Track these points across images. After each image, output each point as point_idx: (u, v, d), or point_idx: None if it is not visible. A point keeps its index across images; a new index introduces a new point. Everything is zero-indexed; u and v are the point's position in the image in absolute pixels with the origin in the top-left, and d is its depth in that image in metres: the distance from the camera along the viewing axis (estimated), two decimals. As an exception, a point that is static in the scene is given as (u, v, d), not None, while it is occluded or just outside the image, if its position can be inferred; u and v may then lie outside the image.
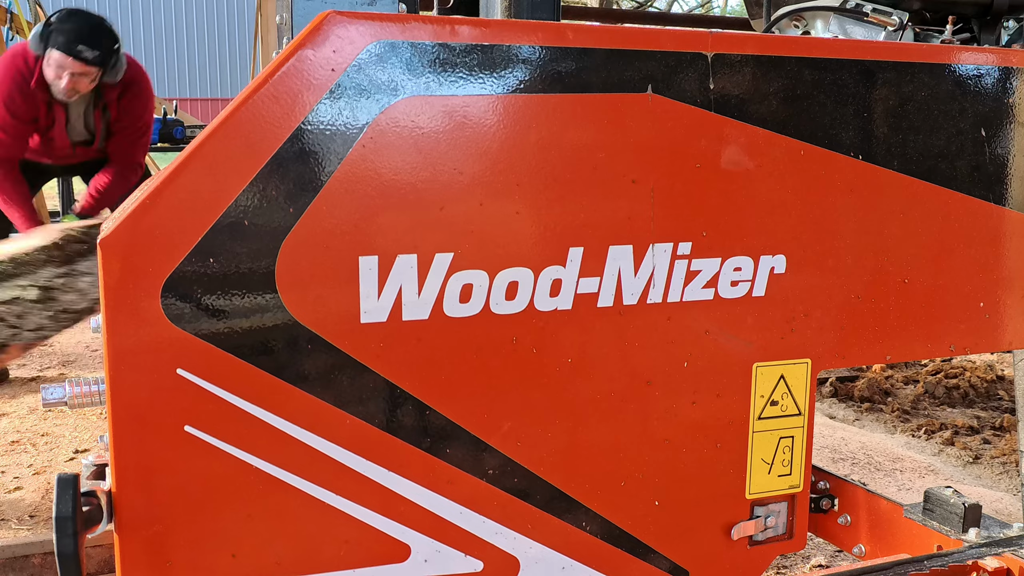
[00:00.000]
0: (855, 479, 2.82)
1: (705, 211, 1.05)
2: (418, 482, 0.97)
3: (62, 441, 3.27)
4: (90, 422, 3.47)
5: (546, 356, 1.00)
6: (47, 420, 3.51)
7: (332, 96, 0.91)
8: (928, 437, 3.63)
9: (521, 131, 0.98)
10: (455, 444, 0.98)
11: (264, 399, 0.92)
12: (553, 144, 0.99)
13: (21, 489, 2.83)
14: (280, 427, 0.92)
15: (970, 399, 4.13)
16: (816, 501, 1.91)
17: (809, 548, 2.45)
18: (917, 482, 3.07)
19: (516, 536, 1.00)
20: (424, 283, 0.96)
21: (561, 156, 1.00)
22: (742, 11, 25.57)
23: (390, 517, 0.97)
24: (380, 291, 0.95)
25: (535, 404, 1.00)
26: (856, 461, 3.26)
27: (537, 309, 1.00)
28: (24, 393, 3.86)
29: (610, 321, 1.02)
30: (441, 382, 0.97)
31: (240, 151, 0.89)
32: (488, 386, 0.99)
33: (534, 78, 0.98)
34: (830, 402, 4.08)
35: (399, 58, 0.94)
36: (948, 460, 3.41)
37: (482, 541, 1.00)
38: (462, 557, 0.99)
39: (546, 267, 1.00)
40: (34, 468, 3.01)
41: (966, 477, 3.25)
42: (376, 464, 0.96)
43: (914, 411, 3.97)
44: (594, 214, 1.01)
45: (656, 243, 1.03)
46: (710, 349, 1.05)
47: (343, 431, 0.95)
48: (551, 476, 1.01)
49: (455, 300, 0.97)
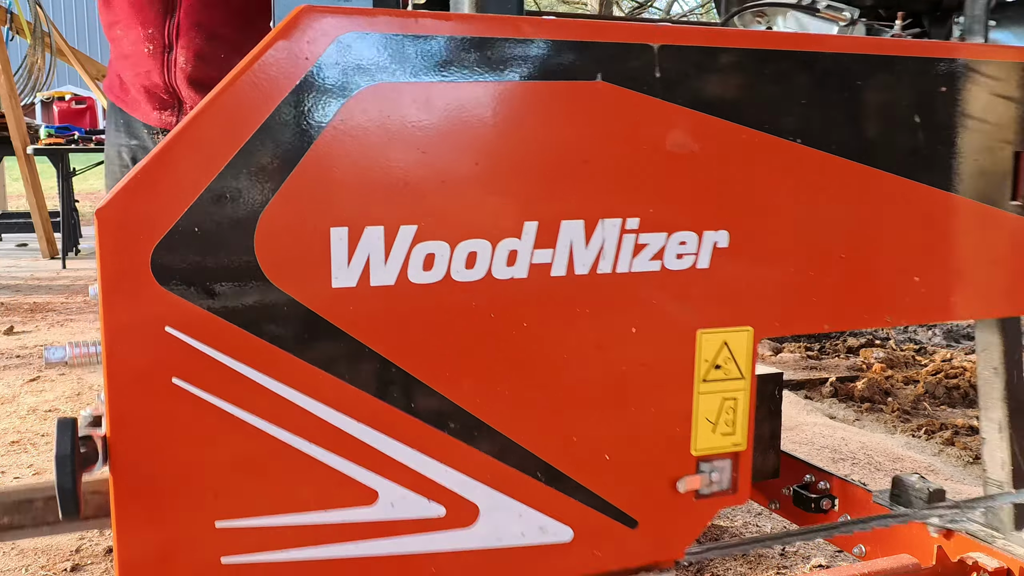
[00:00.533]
0: (855, 479, 2.86)
1: (652, 189, 1.15)
2: (386, 433, 1.07)
3: None
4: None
5: (503, 320, 1.10)
6: (47, 420, 3.55)
7: (305, 83, 1.02)
8: (928, 437, 3.65)
9: (480, 115, 1.08)
10: (419, 399, 1.08)
11: (244, 355, 1.02)
12: (510, 128, 1.09)
13: None
14: (258, 380, 1.03)
15: (970, 399, 4.15)
16: (816, 501, 1.97)
17: (809, 548, 2.49)
18: (917, 481, 3.09)
19: (476, 484, 1.10)
20: (390, 252, 1.06)
21: (517, 139, 1.10)
22: None
23: (360, 464, 1.06)
24: (350, 259, 1.05)
25: (492, 364, 1.10)
26: (856, 461, 3.28)
27: (495, 277, 1.09)
28: (24, 393, 3.92)
29: (563, 289, 1.12)
30: (407, 342, 1.07)
31: (222, 132, 1.00)
32: (449, 347, 1.09)
33: (492, 67, 1.08)
34: (830, 402, 4.11)
35: (367, 48, 1.04)
36: (948, 460, 3.43)
37: (445, 489, 1.09)
38: (426, 503, 1.09)
39: (503, 239, 1.10)
40: (34, 468, 3.03)
41: (966, 477, 3.27)
42: (347, 416, 1.06)
43: (914, 411, 4.00)
44: (548, 191, 1.11)
45: (605, 218, 1.13)
46: (657, 316, 1.14)
47: (317, 386, 1.05)
48: (509, 431, 1.11)
49: (419, 268, 1.07)
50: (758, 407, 1.76)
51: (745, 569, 2.36)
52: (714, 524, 2.61)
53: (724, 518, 2.65)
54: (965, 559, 1.67)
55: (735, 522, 2.63)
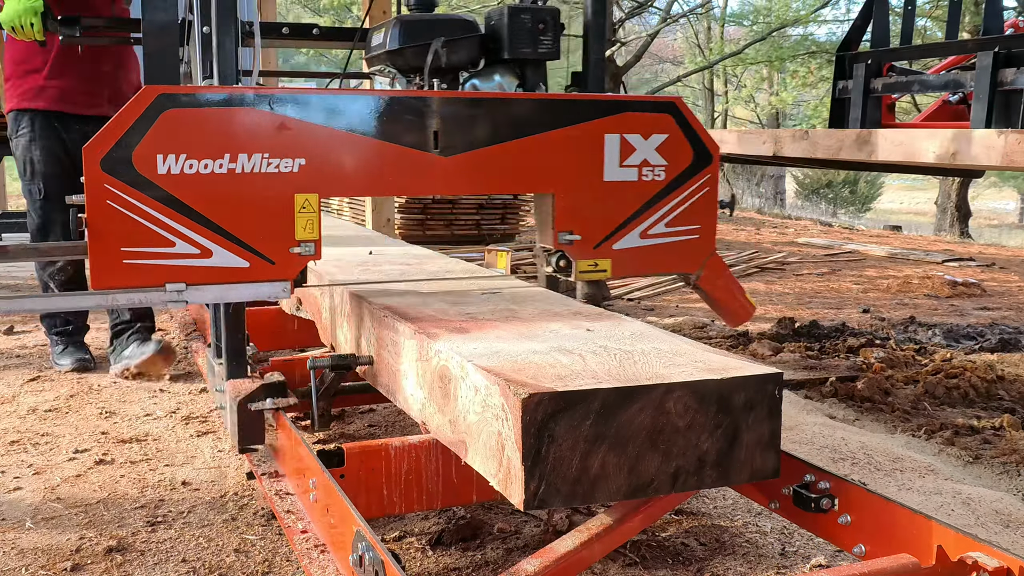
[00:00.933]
0: (855, 479, 2.86)
1: (286, 147, 2.19)
2: (208, 238, 2.09)
3: (62, 441, 3.30)
4: (90, 423, 3.53)
5: (238, 191, 2.10)
6: (47, 420, 3.56)
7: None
8: (928, 437, 3.65)
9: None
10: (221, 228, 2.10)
11: (143, 205, 2.02)
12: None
13: (21, 489, 2.85)
14: (155, 215, 2.03)
15: (970, 399, 4.15)
16: (816, 501, 1.97)
17: (809, 548, 2.49)
18: (917, 482, 3.08)
19: (216, 247, 2.10)
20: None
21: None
22: (742, 14, 25.13)
23: (205, 238, 2.07)
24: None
25: (233, 209, 2.11)
26: (856, 461, 3.28)
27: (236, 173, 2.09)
28: (24, 393, 3.93)
29: (253, 178, 2.14)
30: (208, 200, 2.08)
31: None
32: (220, 200, 2.10)
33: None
34: (830, 402, 4.11)
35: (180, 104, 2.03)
36: (948, 460, 3.43)
37: (209, 248, 2.10)
38: (237, 258, 2.11)
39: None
40: (34, 468, 3.03)
41: (966, 477, 3.26)
42: (198, 229, 2.07)
43: (914, 411, 4.00)
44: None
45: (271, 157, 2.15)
46: (278, 188, 2.16)
47: (183, 225, 2.06)
48: (235, 231, 2.10)
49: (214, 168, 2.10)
50: (758, 407, 1.77)
51: (745, 569, 2.36)
52: (714, 524, 2.61)
53: (724, 518, 2.65)
54: (965, 559, 1.66)
55: (735, 522, 2.63)
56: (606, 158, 2.39)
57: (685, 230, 2.56)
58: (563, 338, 2.01)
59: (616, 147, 2.40)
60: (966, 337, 5.68)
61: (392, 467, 2.21)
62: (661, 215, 2.51)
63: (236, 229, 2.09)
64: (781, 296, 7.53)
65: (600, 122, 2.37)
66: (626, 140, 2.41)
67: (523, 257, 8.18)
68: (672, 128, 2.47)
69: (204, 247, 2.07)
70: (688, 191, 2.53)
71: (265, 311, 3.73)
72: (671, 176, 2.49)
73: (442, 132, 2.25)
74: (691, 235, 2.57)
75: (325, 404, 2.65)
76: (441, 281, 2.78)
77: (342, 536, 1.83)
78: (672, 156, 2.48)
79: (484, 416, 1.71)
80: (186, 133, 2.01)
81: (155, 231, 2.02)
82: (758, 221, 15.84)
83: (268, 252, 2.12)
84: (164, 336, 4.59)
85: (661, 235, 2.53)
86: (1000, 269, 9.88)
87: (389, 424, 3.57)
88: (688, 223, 2.55)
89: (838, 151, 3.95)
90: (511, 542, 2.48)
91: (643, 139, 2.43)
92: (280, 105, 2.08)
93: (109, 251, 2.00)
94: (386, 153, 2.20)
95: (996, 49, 3.88)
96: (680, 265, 2.60)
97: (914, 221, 24.97)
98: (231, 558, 2.39)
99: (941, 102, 5.07)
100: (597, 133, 2.37)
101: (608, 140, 2.39)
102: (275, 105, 2.08)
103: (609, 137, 2.38)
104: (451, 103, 2.26)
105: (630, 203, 2.46)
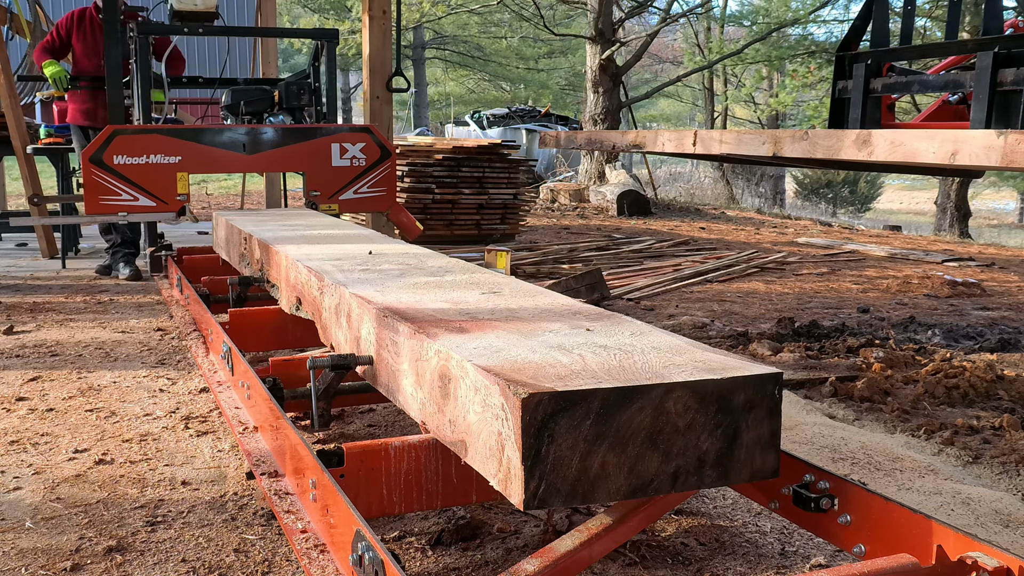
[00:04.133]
0: (855, 479, 2.86)
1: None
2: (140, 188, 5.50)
3: (62, 441, 3.30)
4: (90, 423, 3.53)
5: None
6: (47, 420, 3.56)
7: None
8: (928, 437, 3.64)
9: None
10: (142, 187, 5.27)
11: (108, 177, 5.35)
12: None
13: (20, 489, 2.84)
14: (113, 182, 5.48)
15: (970, 399, 4.15)
16: (816, 501, 1.97)
17: (809, 548, 2.49)
18: (917, 482, 3.08)
19: (149, 197, 5.69)
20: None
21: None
22: (742, 14, 25.33)
23: (136, 192, 5.41)
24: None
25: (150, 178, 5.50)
26: (856, 461, 3.28)
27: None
28: (24, 393, 3.93)
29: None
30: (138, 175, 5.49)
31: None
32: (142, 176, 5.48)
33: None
34: (830, 402, 4.11)
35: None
36: (948, 460, 3.43)
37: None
38: (150, 202, 5.45)
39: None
40: (34, 468, 3.03)
41: (966, 477, 3.26)
42: (132, 188, 5.44)
43: (914, 411, 4.00)
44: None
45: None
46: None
47: (125, 186, 5.31)
48: (154, 190, 5.45)
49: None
50: (758, 406, 1.77)
51: (745, 569, 2.36)
52: (714, 524, 2.61)
53: (724, 518, 2.65)
54: (965, 559, 1.66)
55: (735, 522, 2.63)
56: (333, 154, 6.02)
57: (377, 191, 6.20)
58: (563, 338, 2.01)
59: (339, 149, 6.04)
60: (966, 337, 5.68)
61: (392, 467, 2.21)
62: (364, 183, 6.14)
63: (150, 188, 5.39)
64: (781, 296, 7.53)
65: (329, 137, 6.05)
66: (343, 146, 6.05)
67: (523, 257, 8.19)
68: (368, 140, 6.16)
69: (135, 195, 5.35)
70: (378, 172, 6.17)
71: (265, 311, 3.73)
72: (368, 164, 6.14)
73: (248, 143, 5.86)
74: (380, 192, 6.20)
75: (325, 404, 2.67)
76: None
77: (342, 536, 1.83)
78: (369, 153, 6.14)
79: (484, 416, 1.71)
80: (127, 145, 5.15)
81: (114, 188, 5.29)
82: (758, 221, 15.82)
83: (164, 198, 5.46)
84: (143, 271, 7.09)
85: (365, 193, 6.16)
86: (1000, 269, 9.87)
87: (389, 424, 3.57)
88: (379, 187, 6.20)
89: (838, 151, 3.95)
90: (511, 542, 2.48)
91: (352, 144, 6.07)
92: (168, 133, 5.40)
93: (93, 198, 5.34)
94: (221, 153, 5.72)
95: (996, 49, 3.89)
96: (376, 207, 6.30)
97: (914, 221, 24.96)
98: (231, 558, 2.39)
99: (941, 102, 5.07)
100: (328, 142, 6.04)
101: (334, 146, 6.03)
102: (166, 133, 5.29)
103: (334, 144, 6.03)
104: (252, 130, 5.92)
105: (347, 176, 6.08)
